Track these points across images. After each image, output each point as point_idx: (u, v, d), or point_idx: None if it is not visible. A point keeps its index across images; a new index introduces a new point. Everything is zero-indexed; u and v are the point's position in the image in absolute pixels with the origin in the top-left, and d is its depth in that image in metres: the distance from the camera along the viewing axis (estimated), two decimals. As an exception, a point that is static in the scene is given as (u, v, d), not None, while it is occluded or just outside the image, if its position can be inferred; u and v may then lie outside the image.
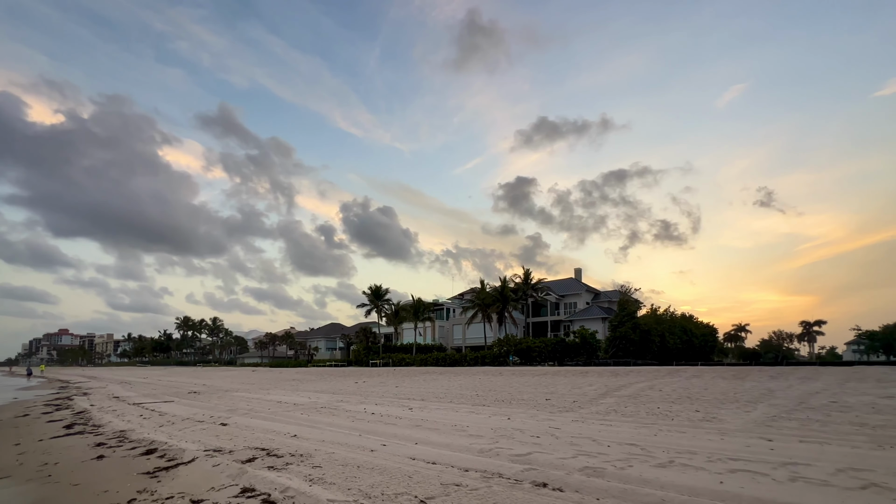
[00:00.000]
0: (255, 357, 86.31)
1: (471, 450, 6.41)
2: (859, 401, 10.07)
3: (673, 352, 48.72)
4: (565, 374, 20.35)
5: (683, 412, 9.68)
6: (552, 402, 12.31)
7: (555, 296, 56.48)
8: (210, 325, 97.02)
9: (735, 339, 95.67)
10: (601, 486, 4.56)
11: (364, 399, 14.48)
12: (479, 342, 53.00)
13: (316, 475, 5.29)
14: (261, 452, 6.62)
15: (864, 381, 13.16)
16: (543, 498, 4.26)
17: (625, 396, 12.62)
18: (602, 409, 10.56)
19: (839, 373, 16.07)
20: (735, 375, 16.09)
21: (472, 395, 14.63)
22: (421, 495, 4.43)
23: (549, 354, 46.15)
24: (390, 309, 54.03)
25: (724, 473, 4.83)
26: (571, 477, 4.88)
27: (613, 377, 17.84)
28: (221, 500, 4.59)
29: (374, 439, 7.38)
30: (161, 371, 54.72)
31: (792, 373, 16.83)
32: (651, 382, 15.40)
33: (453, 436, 7.57)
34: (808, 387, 12.63)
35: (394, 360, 50.71)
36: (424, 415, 10.37)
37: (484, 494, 4.41)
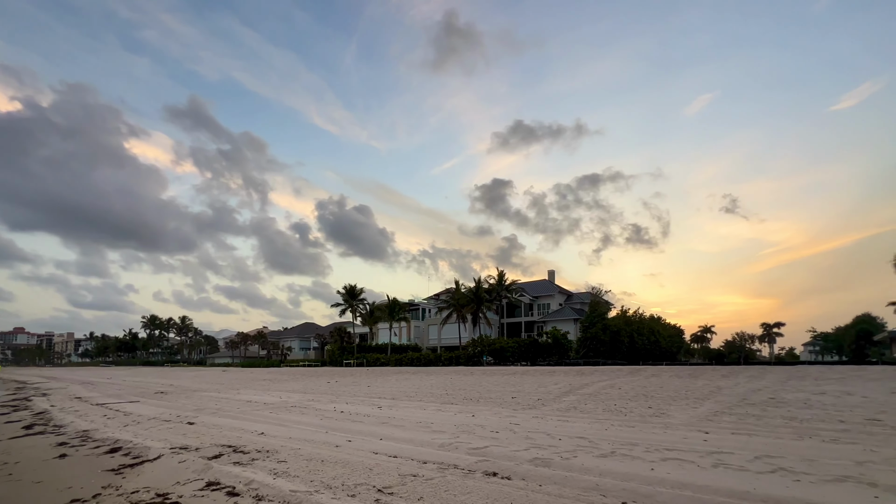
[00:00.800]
0: (227, 357, 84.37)
1: (432, 444, 6.76)
2: (795, 397, 10.93)
3: (641, 352, 50.40)
4: (534, 374, 20.96)
5: (637, 408, 10.29)
6: (517, 399, 12.79)
7: (528, 297, 57.51)
8: (179, 324, 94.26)
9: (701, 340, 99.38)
10: (546, 474, 4.98)
11: (335, 398, 14.64)
12: (454, 342, 53.48)
13: (281, 469, 5.53)
14: (227, 449, 6.78)
15: (803, 379, 14.18)
16: (492, 485, 4.63)
17: (586, 394, 13.22)
18: (563, 407, 11.08)
19: (783, 372, 17.20)
20: (690, 374, 17.00)
21: (441, 394, 14.98)
22: (379, 485, 4.74)
23: (522, 354, 47.04)
24: (365, 309, 53.91)
25: (656, 462, 5.33)
26: (520, 467, 5.29)
27: (579, 376, 18.53)
28: (186, 493, 4.78)
29: (341, 436, 7.63)
30: (126, 371, 52.93)
31: (742, 372, 17.91)
32: (612, 381, 16.11)
33: (417, 432, 7.90)
34: (754, 385, 13.53)
35: (368, 360, 50.63)
36: (392, 413, 10.66)
37: (438, 483, 4.75)
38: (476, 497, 4.27)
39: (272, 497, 4.46)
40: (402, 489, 4.59)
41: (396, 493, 4.45)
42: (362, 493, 4.48)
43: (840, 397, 10.68)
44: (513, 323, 59.34)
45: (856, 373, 15.81)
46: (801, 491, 4.15)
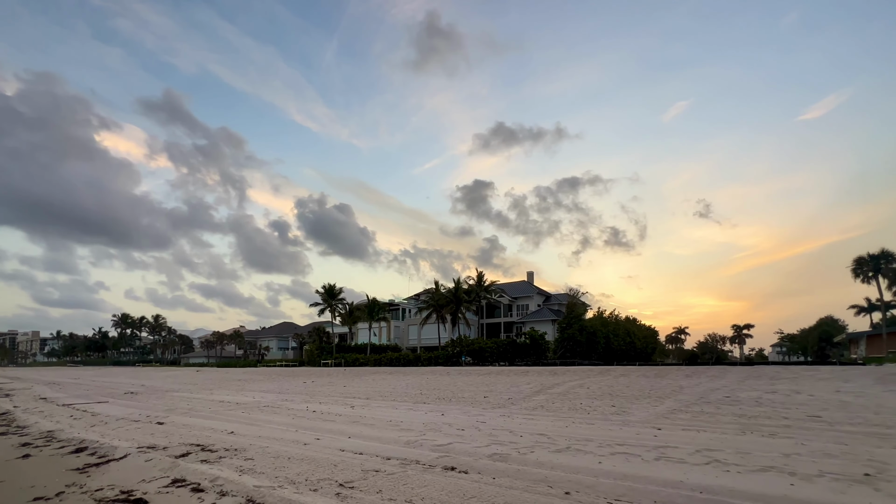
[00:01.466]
0: (202, 357, 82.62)
1: (398, 441, 6.99)
2: (748, 396, 11.55)
3: (617, 352, 51.56)
4: (508, 374, 21.37)
5: (601, 407, 10.72)
6: (489, 399, 13.11)
7: (508, 298, 58.15)
8: (151, 322, 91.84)
9: (676, 341, 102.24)
10: (501, 468, 5.27)
11: (309, 398, 14.70)
12: (434, 342, 53.70)
13: (247, 466, 5.67)
14: (195, 448, 6.87)
15: (759, 379, 14.93)
16: (449, 479, 4.90)
17: (556, 394, 13.64)
18: (531, 406, 11.44)
19: (743, 372, 18.03)
20: (657, 374, 17.66)
21: (416, 394, 15.20)
22: (341, 480, 4.95)
23: (500, 355, 47.60)
24: (345, 309, 53.65)
25: (606, 456, 5.68)
26: (479, 462, 5.57)
27: (551, 376, 19.00)
28: (151, 490, 4.89)
29: (310, 434, 7.78)
30: (95, 371, 51.37)
31: (705, 372, 18.68)
32: (583, 381, 16.61)
33: (386, 430, 8.12)
34: (714, 384, 14.19)
35: (347, 360, 50.40)
36: (364, 412, 10.84)
37: (399, 477, 4.99)
38: (432, 489, 4.53)
39: (236, 492, 4.62)
40: (363, 483, 4.81)
41: (357, 487, 4.67)
42: (324, 488, 4.68)
43: (789, 396, 11.34)
44: (492, 323, 59.92)
45: (808, 373, 16.71)
46: (728, 480, 4.54)
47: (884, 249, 34.15)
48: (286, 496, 4.43)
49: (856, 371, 16.85)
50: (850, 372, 16.49)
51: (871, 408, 9.36)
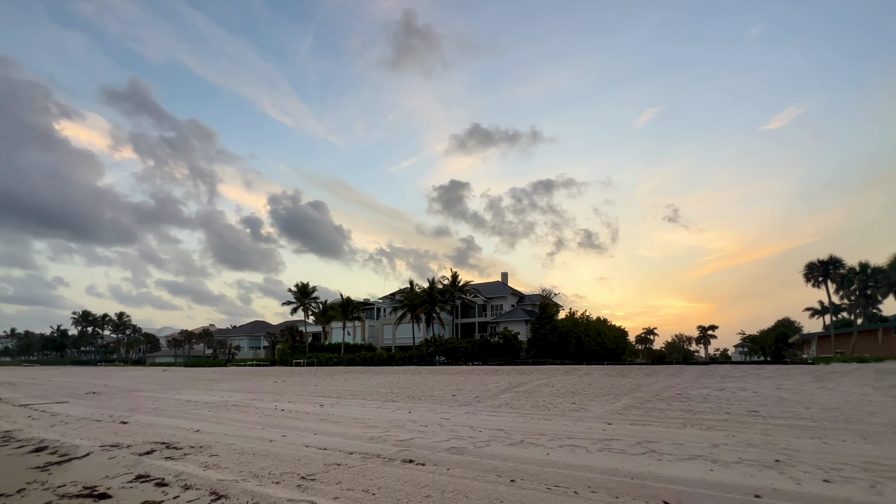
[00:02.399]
0: (169, 356, 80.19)
1: (363, 438, 7.26)
2: (698, 393, 12.32)
3: (588, 352, 52.95)
4: (478, 373, 21.84)
5: (561, 404, 11.25)
6: (457, 397, 13.49)
7: (482, 298, 58.86)
8: (115, 320, 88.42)
9: (645, 342, 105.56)
10: (457, 460, 5.62)
11: (279, 397, 14.74)
12: (409, 342, 53.86)
13: (212, 462, 5.84)
14: (160, 446, 6.96)
15: (712, 377, 15.85)
16: (406, 470, 5.21)
17: (521, 392, 14.14)
18: (496, 403, 11.88)
19: (698, 371, 19.04)
20: (619, 374, 18.45)
21: (386, 393, 15.45)
22: (304, 473, 5.20)
23: (474, 354, 48.19)
24: (318, 308, 53.16)
25: (555, 448, 6.12)
26: (436, 455, 5.91)
27: (520, 375, 19.57)
28: (115, 486, 5.01)
29: (276, 432, 7.96)
30: (53, 371, 49.23)
31: (663, 371, 19.63)
32: (549, 380, 17.21)
33: (352, 427, 8.37)
34: (670, 382, 14.99)
35: (321, 359, 49.98)
36: (333, 410, 11.03)
37: (359, 470, 5.27)
38: (389, 480, 4.84)
39: (199, 486, 4.81)
40: (324, 476, 5.07)
41: (318, 479, 4.93)
42: (286, 480, 4.93)
43: (735, 393, 12.16)
44: (467, 323, 60.52)
45: (756, 371, 17.82)
46: (657, 467, 5.02)
47: (832, 256, 36.48)
48: (249, 488, 4.65)
49: (798, 370, 18.07)
50: (793, 371, 17.68)
51: (803, 403, 10.20)
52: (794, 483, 4.35)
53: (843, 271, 35.87)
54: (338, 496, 4.35)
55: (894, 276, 31.93)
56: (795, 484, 4.32)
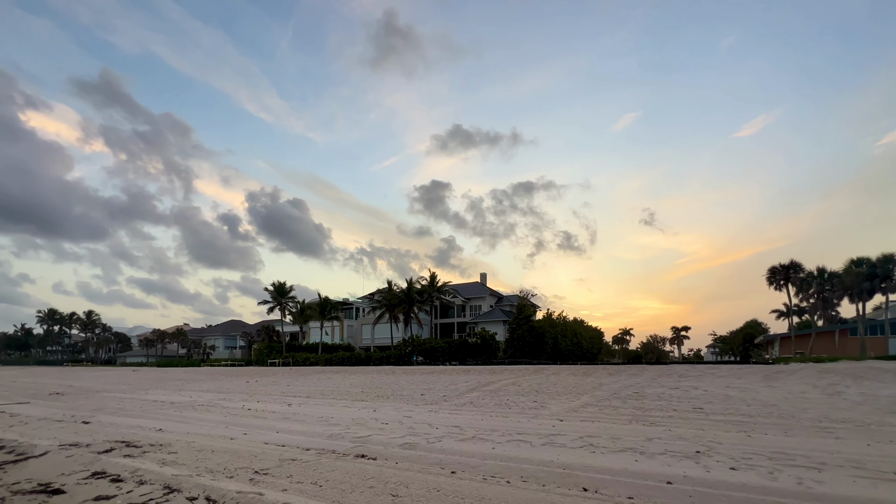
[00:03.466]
0: (140, 356, 78.16)
1: (322, 435, 7.51)
2: (654, 391, 12.93)
3: (564, 352, 53.93)
4: (451, 373, 22.21)
5: (523, 402, 11.69)
6: (425, 396, 13.80)
7: (461, 298, 59.32)
8: (83, 319, 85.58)
9: (621, 342, 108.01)
10: (407, 454, 5.94)
11: (248, 397, 14.79)
12: (387, 342, 53.91)
13: (170, 459, 6.01)
14: (120, 444, 7.06)
15: (670, 376, 16.58)
16: (357, 464, 5.51)
17: (488, 391, 14.55)
18: (462, 402, 12.24)
19: (658, 370, 19.84)
20: (584, 373, 19.07)
21: (357, 392, 15.65)
22: (258, 468, 5.44)
23: (452, 354, 48.59)
24: (296, 307, 52.72)
25: (502, 443, 6.50)
26: (389, 450, 6.22)
27: (490, 375, 20.01)
28: (71, 482, 5.15)
29: (238, 430, 8.13)
30: (16, 371, 47.51)
31: (626, 371, 20.37)
32: (517, 379, 17.69)
33: (314, 425, 8.60)
34: (630, 381, 15.63)
35: (298, 359, 49.60)
36: (299, 409, 11.21)
37: (312, 465, 5.54)
38: (338, 473, 5.12)
39: (154, 481, 5.00)
40: (277, 470, 5.32)
41: (271, 473, 5.18)
42: (240, 475, 5.16)
43: (687, 391, 12.82)
44: (446, 323, 60.90)
45: (712, 371, 18.69)
46: (589, 458, 5.45)
47: (793, 261, 38.31)
48: (202, 482, 4.87)
49: (752, 370, 19.02)
50: (746, 370, 18.61)
51: (746, 400, 10.88)
52: (704, 471, 4.82)
53: (802, 275, 37.72)
54: (286, 488, 4.61)
55: (848, 280, 33.74)
56: (705, 472, 4.79)
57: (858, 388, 12.19)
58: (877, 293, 33.69)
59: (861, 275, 32.83)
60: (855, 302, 34.86)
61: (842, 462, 5.03)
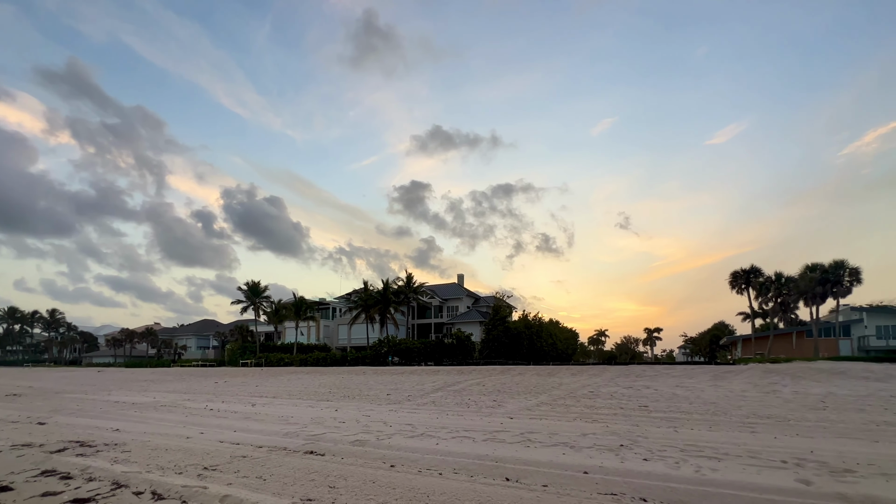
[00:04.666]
0: (108, 356, 75.75)
1: (278, 433, 7.76)
2: (608, 391, 13.57)
3: (540, 353, 54.87)
4: (420, 373, 22.56)
5: (483, 401, 12.13)
6: (391, 396, 14.11)
7: (438, 299, 59.72)
8: (46, 317, 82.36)
9: (597, 343, 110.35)
10: (356, 450, 6.27)
11: (214, 397, 14.81)
12: (363, 342, 53.83)
13: (122, 457, 6.18)
14: (74, 444, 7.16)
15: (628, 376, 17.33)
16: (305, 460, 5.81)
17: (452, 391, 14.96)
18: (424, 401, 12.61)
19: (618, 371, 20.65)
20: (549, 373, 19.71)
21: (324, 392, 15.84)
22: (208, 464, 5.68)
23: (428, 355, 48.91)
24: (271, 307, 52.13)
25: (447, 439, 6.89)
26: (339, 447, 6.53)
27: (458, 375, 20.45)
28: (19, 480, 5.29)
29: (196, 429, 8.30)
30: (-28, 372, 45.53)
31: (588, 371, 21.13)
32: (483, 379, 18.17)
33: (273, 424, 8.83)
34: (589, 381, 16.30)
35: (272, 359, 49.08)
36: (262, 409, 11.38)
37: (261, 461, 5.81)
38: (285, 468, 5.42)
39: (103, 477, 5.19)
40: (226, 466, 5.58)
41: (219, 469, 5.44)
42: (189, 471, 5.40)
43: (639, 390, 13.50)
44: (423, 324, 61.16)
45: (667, 371, 19.59)
46: (523, 452, 5.89)
47: (753, 266, 40.20)
48: (150, 478, 5.10)
49: (703, 370, 20.00)
50: (699, 370, 19.57)
51: (690, 399, 11.59)
52: (619, 462, 5.31)
53: (762, 280, 39.59)
54: (231, 482, 4.89)
55: (803, 285, 35.61)
56: (620, 462, 5.29)
57: (793, 387, 13.09)
58: (829, 297, 35.62)
59: (814, 280, 34.70)
60: (809, 305, 36.78)
61: (742, 453, 5.61)
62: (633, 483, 4.47)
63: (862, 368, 17.38)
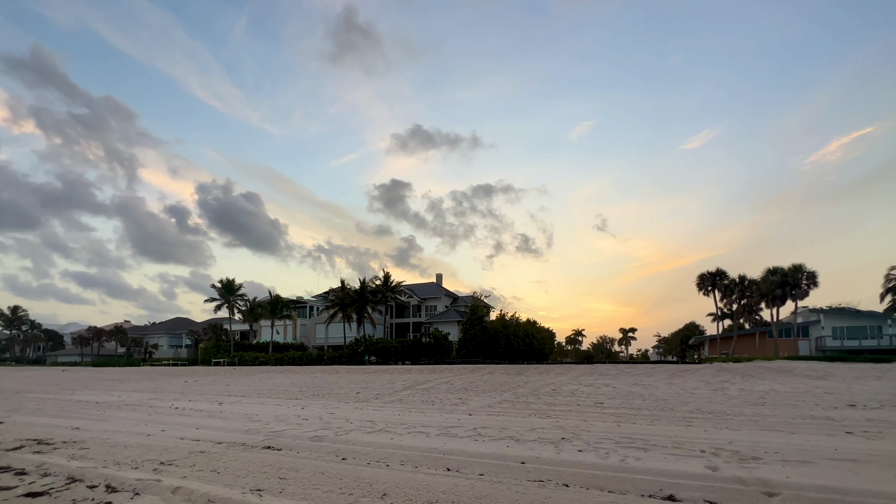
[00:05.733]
0: (74, 355, 73.30)
1: (239, 430, 7.94)
2: (570, 388, 14.13)
3: (517, 352, 55.68)
4: (394, 372, 22.82)
5: (448, 399, 12.50)
6: (360, 394, 14.35)
7: (417, 299, 59.95)
8: (7, 314, 79.04)
9: (574, 343, 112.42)
10: (312, 445, 6.53)
11: (181, 396, 14.76)
12: (340, 342, 53.66)
13: (80, 454, 6.29)
14: (31, 442, 7.20)
15: (592, 375, 18.00)
16: (261, 455, 6.04)
17: (421, 389, 15.29)
18: (391, 399, 12.90)
19: (583, 369, 21.39)
20: (517, 372, 20.25)
21: (295, 391, 15.95)
22: (165, 460, 5.86)
23: (405, 354, 49.12)
24: (246, 305, 51.45)
25: (403, 435, 7.21)
26: (297, 442, 6.78)
27: (430, 374, 20.80)
28: (-28, 476, 5.38)
29: (158, 427, 8.40)
30: (-74, 372, 43.50)
31: (554, 370, 21.79)
32: (452, 378, 18.56)
33: (236, 422, 8.98)
34: (554, 379, 16.87)
35: (247, 359, 48.48)
36: (228, 408, 11.47)
37: (217, 456, 6.02)
38: (240, 462, 5.65)
39: (58, 473, 5.33)
40: (183, 461, 5.77)
41: (175, 464, 5.63)
42: (145, 466, 5.57)
43: (598, 388, 14.10)
44: (401, 323, 61.30)
45: (629, 370, 20.40)
46: (470, 445, 6.26)
47: (718, 269, 42.08)
48: (105, 473, 5.26)
49: (663, 368, 20.90)
50: (658, 369, 20.45)
51: (644, 396, 12.20)
52: (555, 453, 5.74)
53: (726, 282, 41.33)
54: (185, 475, 5.10)
55: (764, 287, 37.33)
56: (556, 454, 5.71)
57: (741, 385, 13.90)
58: (788, 299, 37.43)
59: (775, 283, 36.42)
60: (770, 307, 38.57)
61: (668, 444, 6.11)
62: (561, 471, 4.88)
63: (806, 367, 18.49)
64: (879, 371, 17.43)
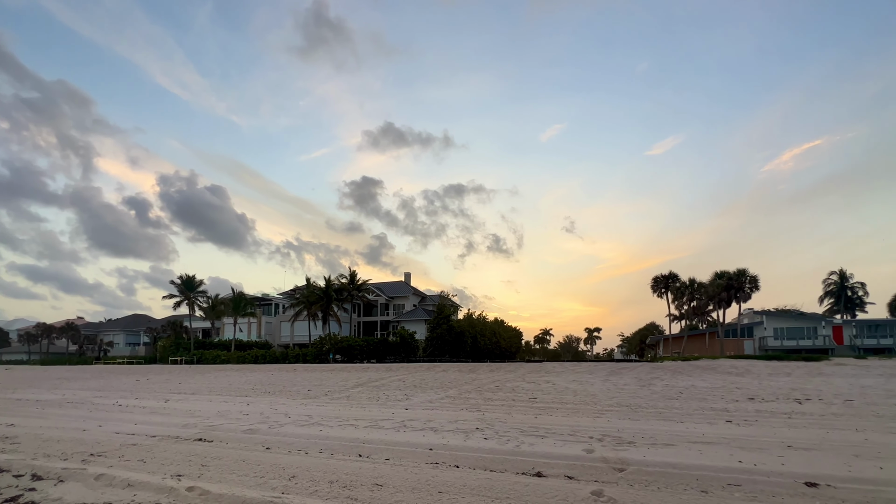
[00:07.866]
0: (21, 353, 69.60)
1: (178, 425, 8.26)
2: (513, 385, 14.93)
3: (484, 351, 56.71)
4: (351, 370, 23.18)
5: (394, 395, 13.04)
6: (311, 392, 14.70)
7: (385, 297, 60.15)
8: (-51, 310, 74.11)
9: (542, 341, 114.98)
10: (242, 437, 6.96)
11: (128, 395, 14.72)
12: (306, 340, 53.27)
13: (10, 448, 6.50)
14: (-38, 438, 7.31)
15: (539, 373, 18.95)
16: (191, 446, 6.43)
17: (372, 386, 15.77)
18: (339, 396, 13.34)
19: (532, 367, 22.43)
20: (470, 370, 21.02)
21: (248, 389, 16.12)
22: (95, 451, 6.17)
23: (370, 352, 49.27)
24: (207, 302, 50.34)
25: (333, 427, 7.73)
26: (229, 435, 7.19)
27: (386, 372, 21.29)
28: None
29: (95, 423, 8.60)
30: None
31: (505, 367, 22.71)
32: (406, 376, 19.12)
33: (177, 417, 9.26)
34: (503, 377, 17.69)
35: (208, 357, 47.47)
36: (174, 405, 11.65)
37: (148, 448, 6.37)
38: (168, 453, 6.03)
39: (-15, 464, 5.57)
40: (113, 453, 6.10)
41: (105, 455, 5.96)
42: (74, 458, 5.88)
43: (540, 385, 14.97)
44: (369, 322, 61.36)
45: (573, 368, 21.54)
46: (393, 436, 6.84)
47: (671, 272, 44.36)
48: (34, 464, 5.55)
49: (605, 366, 22.17)
50: (601, 367, 21.69)
51: (577, 392, 13.11)
52: (463, 441, 6.39)
53: (678, 285, 43.65)
54: (112, 465, 5.46)
55: (711, 290, 39.70)
56: (464, 441, 6.37)
57: (667, 381, 15.06)
58: (733, 301, 39.87)
59: (721, 286, 38.76)
60: (717, 309, 41.01)
61: (564, 432, 6.88)
62: (458, 455, 5.53)
63: (730, 365, 20.05)
64: (790, 368, 19.13)
